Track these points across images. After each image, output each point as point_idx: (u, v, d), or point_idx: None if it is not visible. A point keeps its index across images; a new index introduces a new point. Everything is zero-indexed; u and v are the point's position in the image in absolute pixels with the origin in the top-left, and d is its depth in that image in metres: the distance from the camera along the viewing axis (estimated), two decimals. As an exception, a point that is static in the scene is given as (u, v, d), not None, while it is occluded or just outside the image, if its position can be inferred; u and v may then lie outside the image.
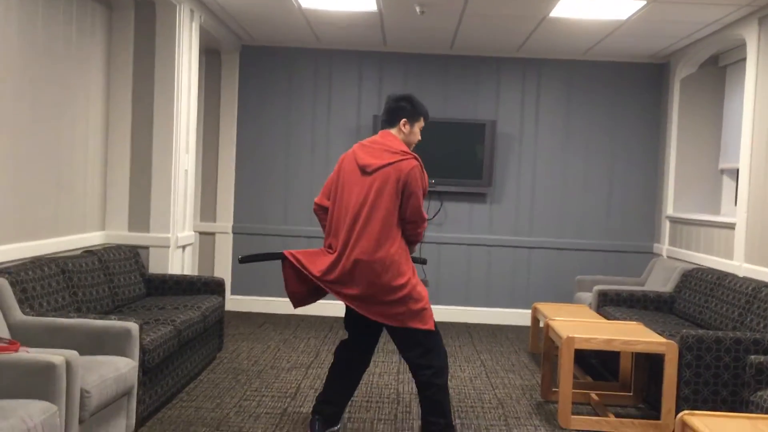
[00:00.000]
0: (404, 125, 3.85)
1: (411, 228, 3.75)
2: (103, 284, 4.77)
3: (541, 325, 5.57)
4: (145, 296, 5.36)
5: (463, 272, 7.58)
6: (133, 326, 3.79)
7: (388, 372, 5.41)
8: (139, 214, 5.62)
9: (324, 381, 4.08)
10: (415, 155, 3.74)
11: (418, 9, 5.82)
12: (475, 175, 7.30)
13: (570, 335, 4.31)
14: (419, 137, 3.93)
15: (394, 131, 3.86)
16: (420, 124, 3.90)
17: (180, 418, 4.19)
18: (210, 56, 7.49)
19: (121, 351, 3.76)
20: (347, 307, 3.85)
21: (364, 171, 3.72)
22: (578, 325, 4.73)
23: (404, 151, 3.74)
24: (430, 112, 7.43)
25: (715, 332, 4.23)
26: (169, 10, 5.57)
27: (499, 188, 7.54)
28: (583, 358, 5.85)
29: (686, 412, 3.16)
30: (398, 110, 3.86)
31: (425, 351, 3.72)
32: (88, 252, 4.97)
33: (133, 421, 3.82)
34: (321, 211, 3.91)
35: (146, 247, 5.60)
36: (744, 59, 5.96)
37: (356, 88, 7.55)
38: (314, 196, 7.55)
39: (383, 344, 6.32)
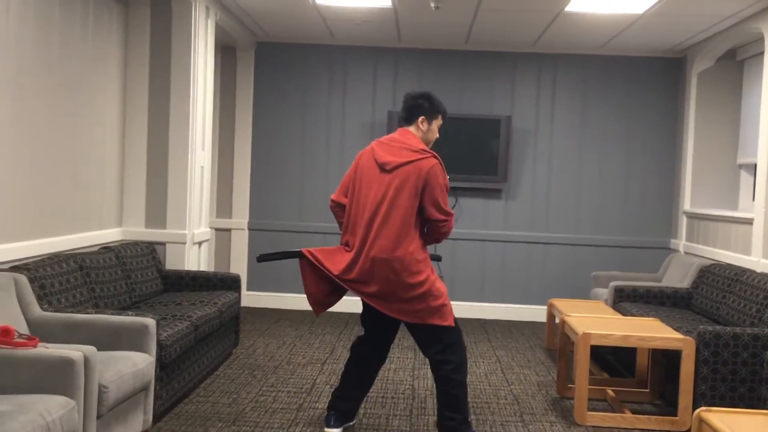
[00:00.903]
0: (422, 123, 3.83)
1: (437, 226, 3.73)
2: (120, 280, 4.81)
3: (557, 321, 5.55)
4: (161, 292, 5.40)
5: (478, 268, 7.57)
6: (150, 322, 3.82)
7: (403, 368, 5.42)
8: (156, 211, 5.66)
9: (340, 377, 4.09)
10: (435, 153, 3.73)
11: (432, 4, 5.80)
12: (491, 171, 7.28)
13: (586, 331, 4.29)
14: (437, 135, 3.92)
15: (412, 129, 3.84)
16: (438, 121, 3.88)
17: (196, 413, 4.22)
18: (225, 53, 7.51)
19: (138, 346, 3.78)
20: (364, 304, 3.86)
21: (383, 168, 3.71)
22: (594, 321, 4.71)
23: (423, 150, 3.73)
24: (446, 107, 7.45)
25: (733, 328, 4.20)
26: (184, 7, 5.59)
27: (514, 184, 7.52)
28: (600, 354, 5.83)
29: (703, 408, 3.14)
30: (416, 108, 3.84)
31: (445, 347, 3.72)
32: (106, 248, 5.01)
33: (150, 416, 3.85)
34: (338, 208, 3.91)
35: (163, 244, 5.64)
36: (762, 53, 5.90)
37: (371, 84, 7.55)
38: (329, 193, 7.58)
39: (399, 340, 6.33)
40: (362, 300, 3.82)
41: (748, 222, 5.75)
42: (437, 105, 3.87)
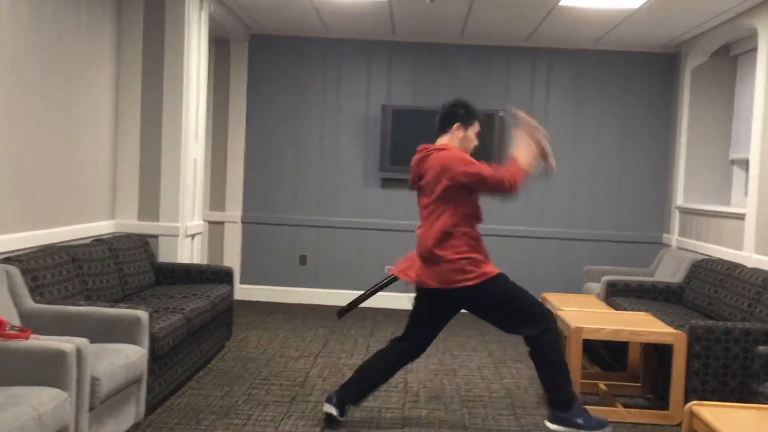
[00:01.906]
0: (457, 129, 3.77)
1: (495, 196, 3.79)
2: (113, 273, 4.80)
3: (550, 315, 5.56)
4: (154, 285, 5.39)
5: (471, 262, 7.57)
6: (142, 314, 3.82)
7: (396, 361, 5.42)
8: (149, 203, 5.65)
9: (364, 366, 4.04)
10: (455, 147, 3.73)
11: (427, -2, 5.80)
12: (484, 165, 7.27)
13: (578, 325, 4.31)
14: (476, 143, 3.84)
15: (445, 138, 3.80)
16: (475, 128, 3.80)
17: (189, 406, 4.21)
18: (219, 45, 7.49)
19: (131, 339, 3.78)
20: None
21: (417, 185, 3.87)
22: (587, 315, 4.73)
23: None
24: (439, 102, 7.41)
25: (724, 323, 4.22)
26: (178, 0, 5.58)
27: (508, 178, 7.51)
28: (592, 348, 5.85)
29: (695, 402, 3.16)
30: (451, 116, 3.79)
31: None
32: (98, 241, 4.99)
33: (143, 408, 3.85)
34: None
35: (156, 236, 5.63)
36: (755, 49, 5.91)
37: (365, 77, 7.53)
38: (323, 186, 7.58)
39: (391, 334, 6.33)
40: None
41: (740, 217, 5.77)
42: (473, 111, 3.80)
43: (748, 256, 5.49)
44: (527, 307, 3.79)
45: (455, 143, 3.76)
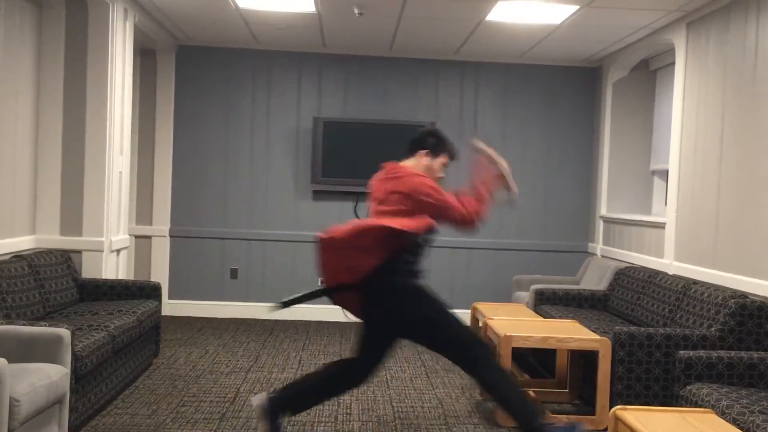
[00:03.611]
0: (423, 155, 3.73)
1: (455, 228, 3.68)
2: (33, 290, 4.63)
3: (481, 324, 5.63)
4: (78, 302, 5.22)
5: (403, 273, 7.60)
6: (64, 332, 3.69)
7: (328, 374, 5.39)
8: (72, 218, 5.48)
9: (309, 376, 3.86)
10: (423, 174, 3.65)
11: (356, 10, 5.83)
12: (415, 177, 7.33)
13: (507, 333, 4.37)
14: (441, 175, 3.77)
15: (411, 161, 3.75)
16: (442, 160, 3.76)
17: (114, 426, 4.09)
18: (145, 56, 7.35)
19: (52, 358, 3.65)
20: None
21: (375, 199, 3.73)
22: (516, 323, 4.80)
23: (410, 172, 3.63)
24: (370, 114, 7.51)
25: (647, 329, 4.35)
26: (101, 8, 5.45)
27: (438, 190, 7.58)
28: (522, 356, 5.95)
29: (619, 407, 3.24)
30: (420, 141, 3.75)
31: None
32: (18, 257, 4.81)
33: (66, 429, 3.71)
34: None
35: (79, 252, 5.46)
36: (673, 63, 6.15)
37: (296, 89, 7.51)
38: (253, 199, 7.51)
39: (324, 347, 6.30)
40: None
41: (661, 226, 5.98)
42: (445, 143, 3.77)
43: (669, 264, 5.69)
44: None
45: (419, 169, 3.72)
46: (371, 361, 3.73)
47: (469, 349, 3.55)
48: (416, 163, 3.74)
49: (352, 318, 3.82)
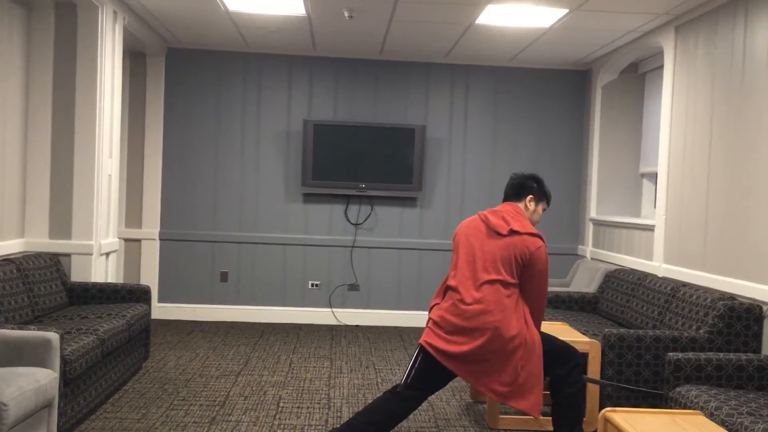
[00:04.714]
0: (530, 202, 3.81)
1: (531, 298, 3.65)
2: (21, 293, 4.60)
3: (471, 327, 5.63)
4: (67, 305, 5.20)
5: (394, 276, 7.62)
6: (53, 336, 3.67)
7: (319, 377, 5.39)
8: (61, 221, 5.46)
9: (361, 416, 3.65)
10: (542, 236, 3.66)
11: (346, 14, 5.83)
12: (406, 180, 7.35)
13: (498, 336, 4.37)
14: (539, 219, 3.88)
15: (520, 205, 3.80)
16: (543, 205, 3.87)
17: (104, 430, 4.07)
18: (135, 59, 7.33)
19: (41, 362, 3.63)
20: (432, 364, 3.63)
21: (497, 233, 3.62)
22: (506, 326, 4.80)
23: (532, 229, 3.64)
24: (360, 117, 7.51)
25: (636, 331, 4.36)
26: (90, 11, 5.43)
27: (429, 193, 7.61)
28: (512, 358, 5.95)
29: (608, 409, 3.25)
30: (526, 187, 3.82)
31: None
32: (6, 260, 4.78)
33: (54, 434, 3.69)
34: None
35: (68, 255, 5.44)
36: (662, 66, 6.18)
37: (286, 92, 7.51)
38: (244, 202, 7.50)
39: (314, 350, 6.30)
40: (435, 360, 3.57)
41: (650, 228, 6.00)
42: (545, 188, 3.87)
43: (658, 266, 5.71)
44: None
45: (527, 213, 3.81)
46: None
47: None
48: (524, 207, 3.81)
49: None
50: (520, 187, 3.84)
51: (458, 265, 3.64)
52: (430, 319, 3.66)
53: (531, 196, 3.83)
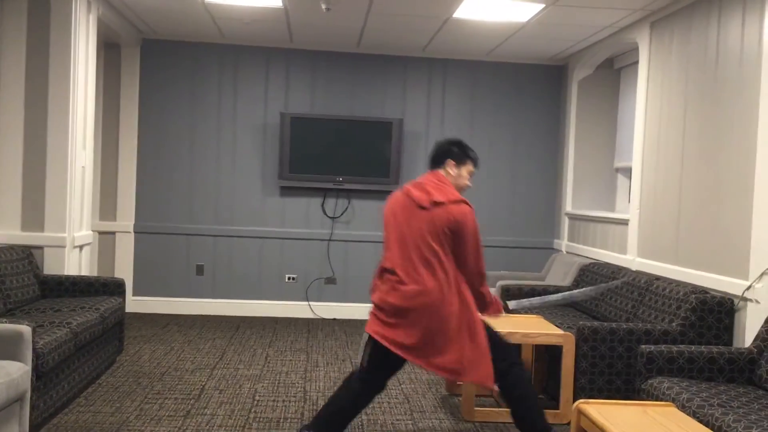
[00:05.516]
0: (451, 167, 3.74)
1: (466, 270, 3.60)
2: (-7, 286, 4.54)
3: (446, 320, 5.65)
4: (39, 298, 5.14)
5: (370, 270, 7.61)
6: (25, 329, 3.63)
7: (295, 370, 5.39)
8: (33, 213, 5.39)
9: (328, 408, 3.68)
10: (467, 201, 3.61)
11: (323, 6, 5.80)
12: (383, 173, 7.35)
13: (473, 329, 4.39)
14: (468, 183, 3.81)
15: (442, 172, 3.74)
16: (468, 168, 3.78)
17: (77, 424, 4.04)
18: (110, 50, 7.25)
19: (12, 355, 3.59)
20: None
21: (420, 206, 3.56)
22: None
23: (457, 196, 3.59)
24: (338, 110, 7.49)
25: (610, 324, 4.41)
26: (64, 1, 5.36)
27: (405, 186, 7.61)
28: (487, 351, 5.98)
29: (582, 401, 3.29)
30: (446, 153, 3.76)
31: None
32: (-23, 253, 4.72)
33: (27, 427, 3.65)
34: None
35: (41, 248, 5.38)
36: (637, 62, 6.23)
37: (263, 85, 7.47)
38: (220, 194, 7.46)
39: (290, 343, 6.29)
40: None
41: (624, 223, 6.06)
42: (468, 151, 3.79)
43: (632, 260, 5.77)
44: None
45: (450, 179, 3.74)
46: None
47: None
48: (446, 173, 3.75)
49: None
50: (440, 154, 3.79)
51: (390, 246, 3.59)
52: (372, 302, 3.64)
53: (451, 161, 3.76)
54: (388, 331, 3.51)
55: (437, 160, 3.78)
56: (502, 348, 3.66)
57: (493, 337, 3.65)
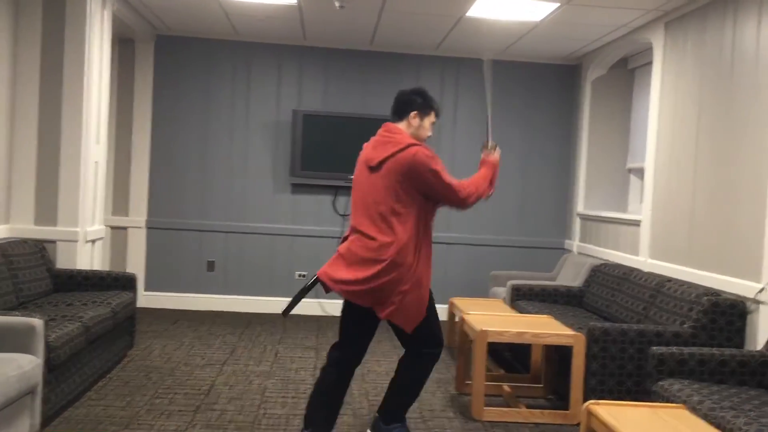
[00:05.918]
0: (413, 118, 3.67)
1: (457, 208, 3.73)
2: (6, 279, 4.57)
3: (457, 319, 5.66)
4: (52, 292, 5.17)
5: (381, 268, 7.61)
6: (37, 322, 3.66)
7: (304, 367, 5.40)
8: (46, 207, 5.42)
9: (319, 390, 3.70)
10: (417, 142, 3.55)
11: (337, 4, 5.80)
12: (394, 171, 7.33)
13: (483, 328, 4.39)
14: (429, 133, 3.76)
15: (401, 124, 3.68)
16: (431, 119, 3.73)
17: (88, 417, 4.06)
18: (124, 45, 7.28)
19: (24, 348, 3.61)
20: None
21: (369, 167, 3.56)
22: (492, 318, 4.83)
23: (407, 142, 3.53)
24: (350, 108, 7.49)
25: (620, 325, 4.39)
26: (79, -4, 5.39)
27: (417, 184, 7.60)
28: (497, 351, 5.98)
29: (592, 402, 3.27)
30: (408, 103, 3.68)
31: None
32: (-9, 246, 4.76)
33: (38, 420, 3.68)
34: None
35: (53, 242, 5.41)
36: (651, 62, 6.20)
37: (276, 81, 7.48)
38: (232, 191, 7.48)
39: (300, 340, 6.30)
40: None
41: (636, 224, 6.03)
42: (430, 101, 3.73)
43: (644, 261, 5.74)
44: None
45: (410, 131, 3.68)
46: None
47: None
48: (407, 126, 3.68)
49: None
50: (403, 104, 3.69)
51: (355, 206, 3.61)
52: (337, 251, 3.64)
53: (415, 112, 3.68)
54: (338, 272, 3.53)
55: (400, 111, 3.69)
56: (430, 332, 3.74)
57: (431, 317, 3.72)
